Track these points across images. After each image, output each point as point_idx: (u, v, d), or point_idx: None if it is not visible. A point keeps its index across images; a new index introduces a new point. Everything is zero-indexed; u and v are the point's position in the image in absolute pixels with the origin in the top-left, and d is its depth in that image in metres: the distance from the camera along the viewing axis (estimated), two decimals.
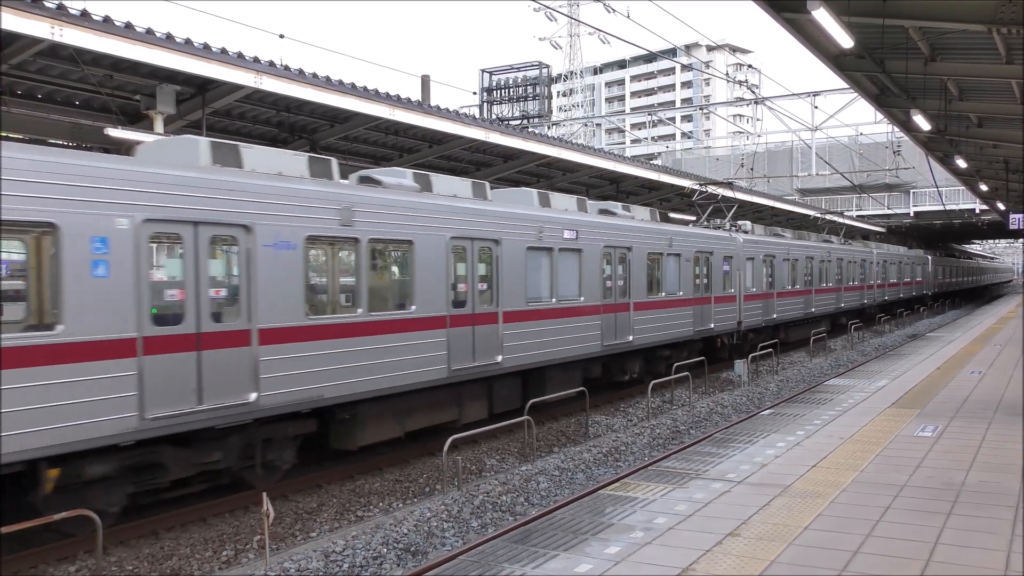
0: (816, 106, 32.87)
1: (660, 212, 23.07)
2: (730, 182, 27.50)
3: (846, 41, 10.79)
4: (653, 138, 77.87)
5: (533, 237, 14.72)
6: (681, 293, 20.19)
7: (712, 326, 21.85)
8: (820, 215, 39.56)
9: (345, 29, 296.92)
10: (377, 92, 14.74)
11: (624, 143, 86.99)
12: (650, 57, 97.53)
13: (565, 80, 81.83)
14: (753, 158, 41.03)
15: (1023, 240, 74.90)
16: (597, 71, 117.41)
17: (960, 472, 8.58)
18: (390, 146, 19.11)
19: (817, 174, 39.07)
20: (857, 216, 46.80)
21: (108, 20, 10.57)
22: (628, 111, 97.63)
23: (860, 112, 64.99)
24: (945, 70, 14.06)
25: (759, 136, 50.84)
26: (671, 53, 76.15)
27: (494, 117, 48.30)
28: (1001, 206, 38.23)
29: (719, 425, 14.92)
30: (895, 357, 20.42)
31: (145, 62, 11.30)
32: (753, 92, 42.46)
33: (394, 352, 11.68)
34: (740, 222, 28.82)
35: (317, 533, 9.57)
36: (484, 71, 54.70)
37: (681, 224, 24.04)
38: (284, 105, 15.33)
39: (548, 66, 54.72)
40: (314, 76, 13.55)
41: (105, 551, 8.31)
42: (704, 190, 26.02)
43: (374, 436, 11.74)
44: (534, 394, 14.65)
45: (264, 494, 8.37)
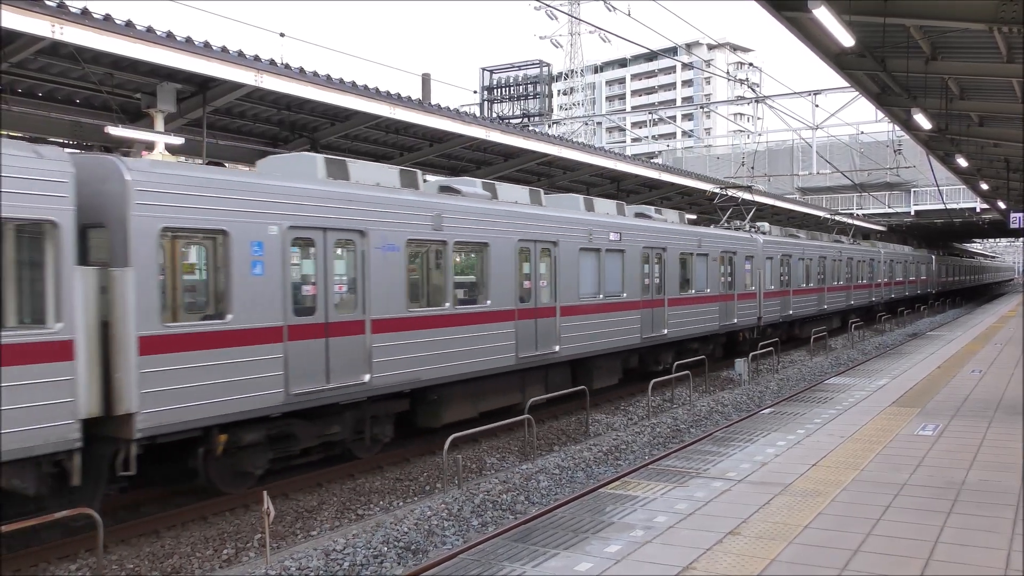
0: (817, 105, 32.82)
1: (687, 215, 24.40)
2: (749, 186, 29.01)
3: (847, 40, 10.78)
4: (654, 137, 77.82)
5: (584, 239, 16.18)
6: (708, 290, 21.55)
7: (735, 321, 23.23)
8: (831, 216, 40.74)
9: (345, 28, 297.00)
10: (377, 91, 14.74)
11: (625, 142, 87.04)
12: (651, 56, 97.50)
13: (566, 78, 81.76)
14: (754, 157, 41.04)
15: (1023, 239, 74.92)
16: (598, 69, 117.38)
17: (960, 471, 8.58)
18: (391, 144, 19.11)
19: (818, 173, 39.03)
20: (849, 213, 46.83)
21: (109, 18, 10.57)
22: (629, 110, 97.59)
23: (861, 111, 65.14)
24: (946, 69, 14.05)
25: (760, 135, 50.85)
26: (672, 52, 76.07)
27: (495, 116, 48.29)
28: (1002, 205, 38.22)
29: (719, 424, 14.92)
30: (896, 356, 20.43)
31: (146, 60, 11.30)
32: (754, 91, 42.43)
33: (474, 341, 13.21)
34: (759, 223, 29.76)
35: (318, 532, 9.57)
36: (485, 69, 54.71)
37: (703, 226, 25.13)
38: (285, 104, 15.33)
39: (549, 64, 54.73)
40: (315, 74, 13.54)
41: (106, 549, 8.31)
42: (725, 193, 27.60)
43: (454, 416, 13.14)
44: (582, 381, 16.05)
45: (264, 492, 8.38)
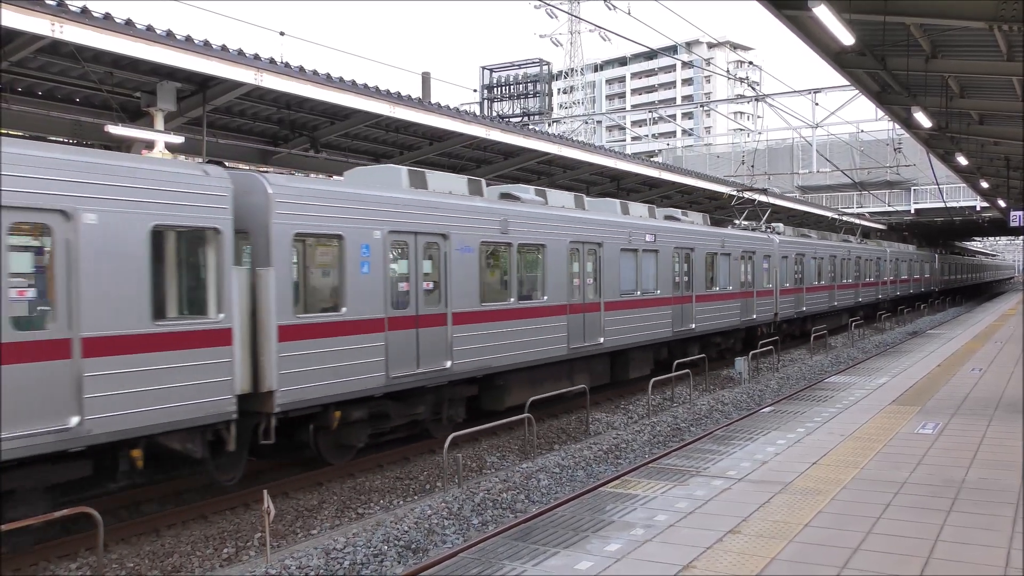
0: (817, 103, 32.85)
1: (712, 217, 25.73)
2: (765, 188, 30.52)
3: (847, 38, 10.78)
4: (654, 135, 77.83)
5: (624, 240, 17.59)
6: (731, 288, 22.96)
7: (755, 316, 24.75)
8: (839, 216, 42.27)
9: (345, 27, 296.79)
10: (377, 89, 14.73)
11: (625, 140, 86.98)
12: (651, 54, 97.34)
13: (566, 77, 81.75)
14: (754, 155, 41.04)
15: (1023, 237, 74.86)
16: (598, 68, 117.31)
17: (960, 469, 8.58)
18: (391, 143, 19.11)
19: (818, 171, 39.06)
20: (857, 213, 46.90)
21: (109, 17, 10.56)
22: (629, 108, 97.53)
23: (861, 109, 65.20)
24: (946, 67, 14.04)
25: (760, 133, 50.78)
26: (672, 50, 76.01)
27: (495, 114, 48.27)
28: (1002, 203, 38.21)
29: (720, 422, 14.92)
30: (896, 354, 20.42)
31: (145, 59, 11.30)
32: (754, 89, 42.39)
33: (533, 332, 14.68)
34: (774, 224, 30.84)
35: (318, 530, 9.57)
36: (485, 68, 54.69)
37: (722, 227, 26.22)
38: (285, 102, 15.33)
39: (549, 63, 54.71)
40: (314, 73, 13.54)
41: (106, 548, 8.31)
42: (742, 195, 29.23)
43: (515, 400, 14.38)
44: (619, 371, 17.80)
45: (265, 491, 8.38)
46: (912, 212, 47.83)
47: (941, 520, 6.89)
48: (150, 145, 13.18)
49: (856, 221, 44.33)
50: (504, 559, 6.24)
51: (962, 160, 22.75)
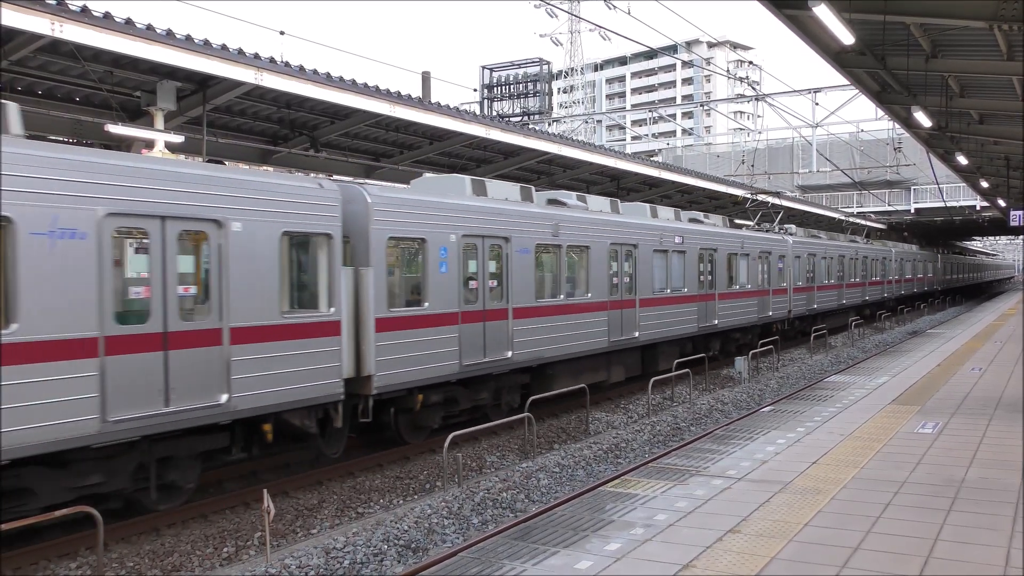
0: (817, 103, 32.96)
1: (730, 219, 26.90)
2: (779, 191, 32.02)
3: (847, 38, 10.78)
4: (654, 135, 77.78)
5: (656, 242, 18.84)
6: (749, 286, 24.26)
7: (771, 313, 26.13)
8: (846, 218, 43.36)
9: (346, 26, 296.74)
10: (378, 89, 14.73)
11: (625, 140, 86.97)
12: (651, 54, 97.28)
13: (566, 77, 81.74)
14: (754, 155, 41.07)
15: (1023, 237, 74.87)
16: (598, 68, 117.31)
17: (960, 469, 8.58)
18: (391, 143, 19.10)
19: (818, 171, 39.09)
20: (857, 213, 46.92)
21: (108, 16, 10.56)
22: (629, 108, 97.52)
23: (861, 109, 65.26)
24: (946, 67, 14.04)
25: (760, 133, 50.81)
26: (672, 50, 75.97)
27: (495, 114, 48.27)
28: (1002, 203, 38.20)
29: (720, 422, 14.92)
30: (896, 354, 20.42)
31: (145, 58, 11.29)
32: (754, 89, 42.40)
33: (579, 326, 15.89)
34: (787, 225, 31.88)
35: (318, 530, 9.58)
36: (485, 68, 54.74)
37: (740, 228, 27.28)
38: (285, 102, 15.32)
39: (549, 63, 54.75)
40: (315, 72, 13.53)
41: (106, 548, 8.31)
42: (755, 198, 30.66)
43: (561, 387, 15.42)
44: (649, 364, 18.91)
45: (265, 491, 8.38)
46: (912, 212, 47.81)
47: (941, 520, 6.89)
48: (150, 144, 13.17)
49: (861, 222, 45.17)
50: (504, 558, 6.24)
51: (962, 160, 22.75)
